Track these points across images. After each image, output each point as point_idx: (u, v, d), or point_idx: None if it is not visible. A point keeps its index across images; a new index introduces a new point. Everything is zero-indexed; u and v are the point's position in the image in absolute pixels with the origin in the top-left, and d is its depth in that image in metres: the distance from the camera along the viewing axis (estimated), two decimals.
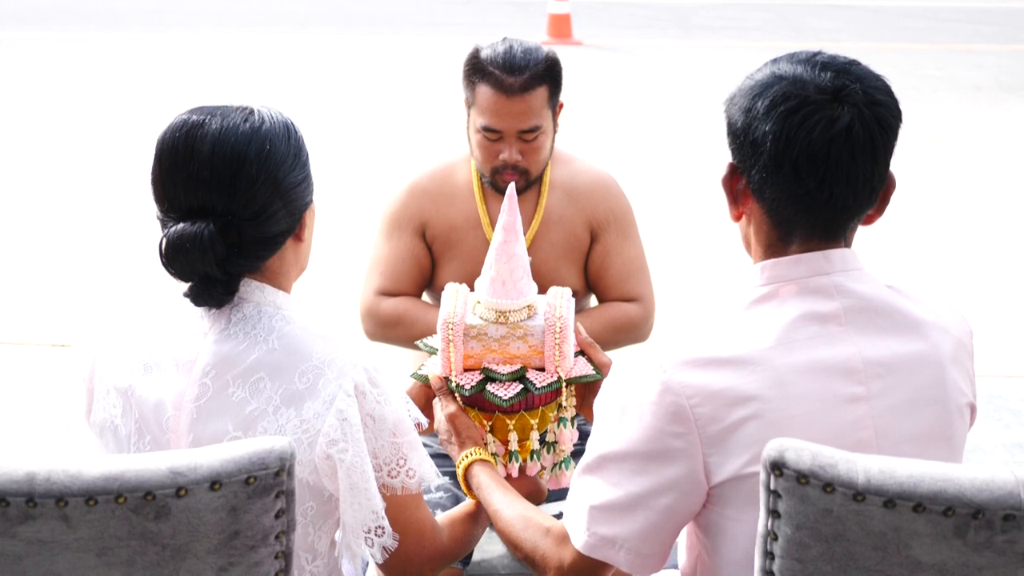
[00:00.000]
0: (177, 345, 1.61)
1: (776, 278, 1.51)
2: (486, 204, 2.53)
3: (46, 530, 1.33)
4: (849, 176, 1.46)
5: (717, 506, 1.49)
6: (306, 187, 1.63)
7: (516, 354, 1.85)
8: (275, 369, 1.57)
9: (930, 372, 1.51)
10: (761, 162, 1.47)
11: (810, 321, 1.48)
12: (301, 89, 8.78)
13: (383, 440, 1.60)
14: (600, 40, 11.13)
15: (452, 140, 3.74)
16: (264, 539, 1.39)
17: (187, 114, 1.59)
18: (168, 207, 1.58)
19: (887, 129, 1.47)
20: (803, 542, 1.32)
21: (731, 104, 1.53)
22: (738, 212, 1.56)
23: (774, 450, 1.31)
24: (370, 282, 2.58)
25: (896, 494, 1.27)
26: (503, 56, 2.38)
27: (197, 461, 1.34)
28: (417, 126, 7.78)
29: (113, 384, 1.64)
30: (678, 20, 12.36)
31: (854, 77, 1.47)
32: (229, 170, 1.54)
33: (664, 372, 1.45)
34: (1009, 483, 1.27)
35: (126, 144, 7.23)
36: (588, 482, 1.52)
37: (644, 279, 2.59)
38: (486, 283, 1.85)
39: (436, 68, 9.57)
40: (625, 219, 2.58)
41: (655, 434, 1.46)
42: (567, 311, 1.87)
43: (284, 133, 1.60)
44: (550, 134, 2.46)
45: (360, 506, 1.58)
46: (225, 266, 1.56)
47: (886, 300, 1.52)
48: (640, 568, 1.51)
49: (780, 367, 1.45)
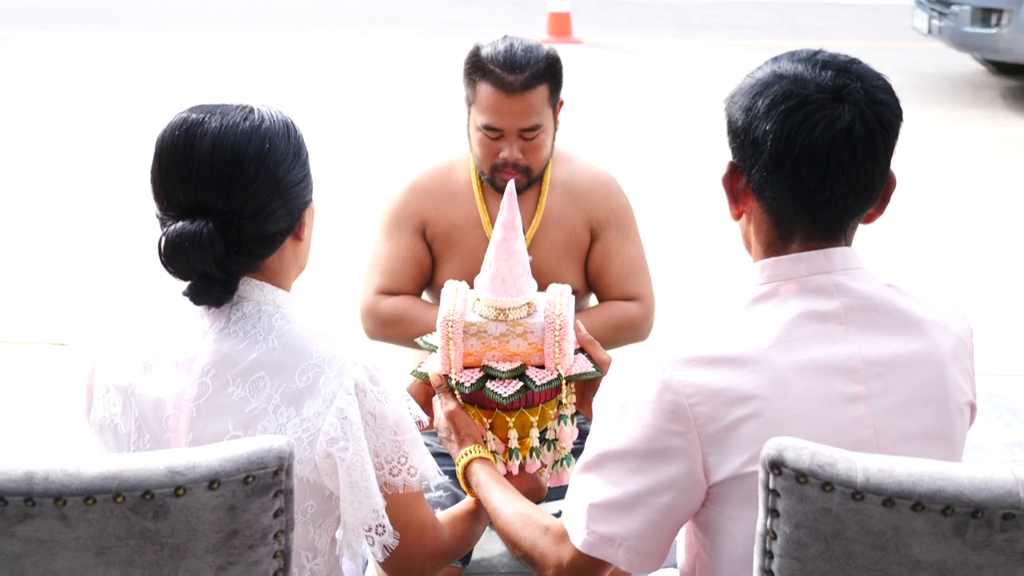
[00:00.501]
0: (177, 344, 1.61)
1: (776, 277, 1.51)
2: (486, 203, 2.53)
3: (44, 529, 1.33)
4: (850, 175, 1.46)
5: (716, 505, 1.49)
6: (305, 186, 1.63)
7: (516, 351, 1.85)
8: (275, 368, 1.57)
9: (930, 371, 1.51)
10: (761, 161, 1.47)
11: (810, 320, 1.48)
12: (301, 88, 8.77)
13: (384, 438, 1.60)
14: (600, 38, 11.13)
15: (452, 139, 3.74)
16: (263, 538, 1.39)
17: (186, 112, 1.59)
18: (167, 205, 1.58)
19: (888, 128, 1.47)
20: (802, 541, 1.32)
21: (731, 103, 1.53)
22: (738, 211, 1.55)
23: (773, 449, 1.31)
24: (370, 281, 2.58)
25: (895, 493, 1.27)
26: (504, 54, 2.38)
27: (196, 460, 1.34)
28: (417, 125, 7.78)
29: (113, 383, 1.64)
30: (677, 19, 12.35)
31: (855, 76, 1.47)
32: (228, 168, 1.54)
33: (664, 371, 1.45)
34: (1008, 482, 1.27)
35: (126, 143, 7.23)
36: (587, 480, 1.52)
37: (644, 278, 2.60)
38: (486, 281, 1.85)
39: (436, 67, 9.57)
40: (625, 218, 2.58)
41: (654, 433, 1.45)
42: (567, 308, 1.87)
43: (284, 132, 1.60)
44: (551, 132, 2.47)
45: (360, 504, 1.58)
46: (224, 265, 1.56)
47: (886, 299, 1.52)
48: (639, 566, 1.51)
49: (780, 366, 1.44)
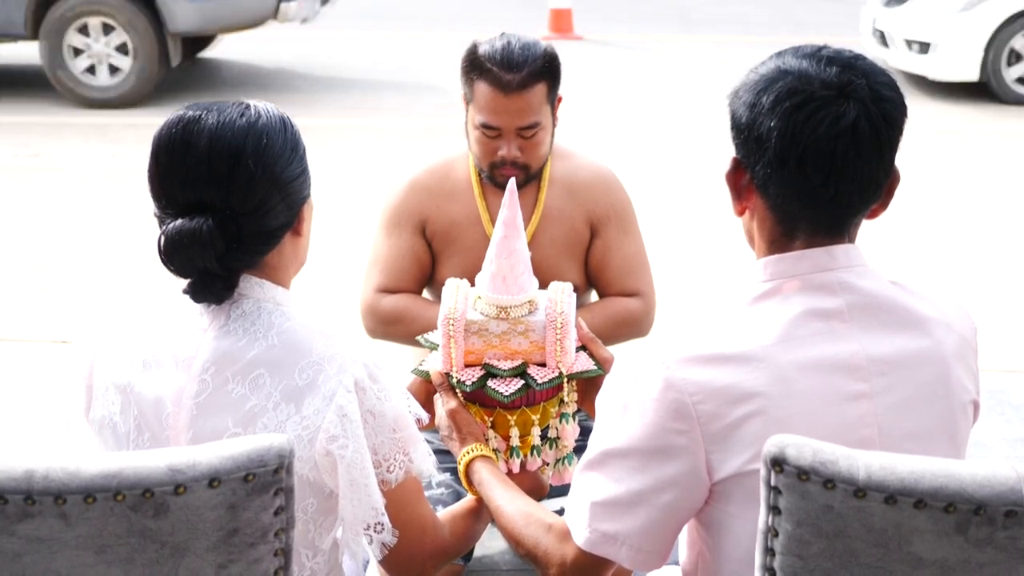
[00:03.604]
0: (176, 342, 1.61)
1: (779, 274, 1.51)
2: (486, 200, 2.53)
3: (44, 528, 1.32)
4: (855, 173, 1.45)
5: (719, 503, 1.48)
6: (304, 181, 1.63)
7: (517, 350, 1.85)
8: (275, 365, 1.57)
9: (934, 369, 1.51)
10: (766, 157, 1.47)
11: (813, 318, 1.47)
12: (300, 87, 8.76)
13: (383, 436, 1.60)
14: (601, 35, 11.12)
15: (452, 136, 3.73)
16: (263, 536, 1.39)
17: (183, 110, 1.59)
18: (166, 203, 1.58)
19: (892, 125, 1.47)
20: (804, 539, 1.32)
21: (735, 98, 1.52)
22: (741, 207, 1.55)
23: (775, 446, 1.31)
24: (370, 279, 2.57)
25: (897, 490, 1.27)
26: (501, 53, 2.37)
27: (196, 458, 1.34)
28: (418, 122, 7.78)
29: (112, 381, 1.64)
30: (679, 15, 12.34)
31: (859, 72, 1.46)
32: (227, 164, 1.54)
33: (667, 368, 1.45)
34: (1010, 479, 1.27)
35: (125, 142, 7.22)
36: (590, 478, 1.52)
37: (645, 274, 2.59)
38: (487, 279, 1.85)
39: (437, 63, 9.56)
40: (625, 214, 2.58)
41: (657, 431, 1.45)
42: (568, 306, 1.86)
43: (280, 127, 1.60)
44: (549, 130, 2.46)
45: (360, 502, 1.58)
46: (225, 261, 1.56)
47: (890, 296, 1.51)
48: (641, 564, 1.51)
49: (783, 364, 1.44)
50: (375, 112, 8.10)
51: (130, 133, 7.35)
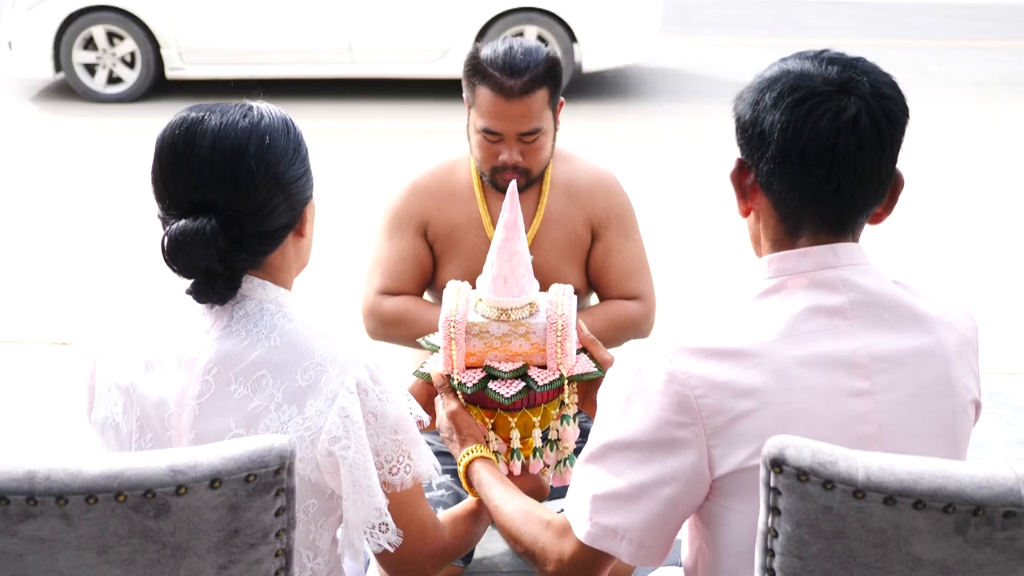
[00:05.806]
0: (179, 342, 1.62)
1: (783, 271, 1.51)
2: (487, 203, 2.53)
3: (46, 528, 1.33)
4: (856, 167, 1.46)
5: (720, 498, 1.49)
6: (306, 181, 1.63)
7: (518, 352, 1.85)
8: (277, 366, 1.57)
9: (935, 368, 1.51)
10: (769, 153, 1.48)
11: (816, 314, 1.48)
12: (300, 87, 8.76)
13: (385, 437, 1.60)
14: None
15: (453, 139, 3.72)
16: (264, 537, 1.39)
17: (186, 111, 1.60)
18: (169, 204, 1.58)
19: (894, 122, 1.48)
20: (803, 539, 1.32)
21: (740, 101, 1.54)
22: (746, 207, 1.56)
23: (774, 447, 1.31)
24: (372, 281, 2.58)
25: (896, 491, 1.27)
26: (503, 57, 2.37)
27: (197, 459, 1.34)
28: (418, 124, 7.77)
29: (114, 382, 1.64)
30: (680, 17, 12.34)
31: (861, 71, 1.48)
32: (230, 164, 1.55)
33: (670, 362, 1.45)
34: (1009, 480, 1.27)
35: (125, 141, 7.23)
36: (591, 471, 1.52)
37: (645, 277, 2.59)
38: (488, 281, 1.85)
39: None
40: (626, 217, 2.58)
41: (660, 424, 1.46)
42: (569, 308, 1.87)
43: (283, 127, 1.60)
44: (551, 134, 2.46)
45: (363, 503, 1.58)
46: (228, 261, 1.56)
47: (892, 295, 1.52)
48: (641, 560, 1.51)
49: (785, 360, 1.45)
50: (375, 114, 8.10)
51: (132, 134, 7.35)
